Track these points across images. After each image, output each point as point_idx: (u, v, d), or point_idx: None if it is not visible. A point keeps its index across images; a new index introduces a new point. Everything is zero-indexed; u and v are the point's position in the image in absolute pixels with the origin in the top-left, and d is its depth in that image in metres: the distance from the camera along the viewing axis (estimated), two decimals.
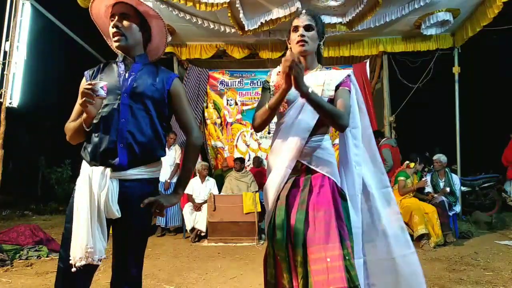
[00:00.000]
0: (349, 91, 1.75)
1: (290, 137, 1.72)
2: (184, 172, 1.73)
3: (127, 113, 1.57)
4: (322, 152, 1.72)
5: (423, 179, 5.17)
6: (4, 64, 4.32)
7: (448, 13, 5.26)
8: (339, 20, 5.35)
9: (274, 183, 1.76)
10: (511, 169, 6.82)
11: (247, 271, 3.71)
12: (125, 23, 1.62)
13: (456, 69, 6.22)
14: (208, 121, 7.08)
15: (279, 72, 1.85)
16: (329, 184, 1.68)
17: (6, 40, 4.35)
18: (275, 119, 1.87)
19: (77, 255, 1.42)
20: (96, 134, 1.55)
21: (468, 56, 6.50)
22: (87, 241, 1.42)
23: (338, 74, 1.76)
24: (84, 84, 1.66)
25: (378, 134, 6.29)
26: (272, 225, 1.72)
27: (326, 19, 5.29)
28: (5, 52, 4.33)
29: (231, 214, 5.11)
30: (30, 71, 4.71)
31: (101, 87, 1.46)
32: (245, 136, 7.00)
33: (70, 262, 1.43)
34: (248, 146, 6.97)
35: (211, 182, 5.70)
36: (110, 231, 1.60)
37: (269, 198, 1.78)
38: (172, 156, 5.79)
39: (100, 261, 1.48)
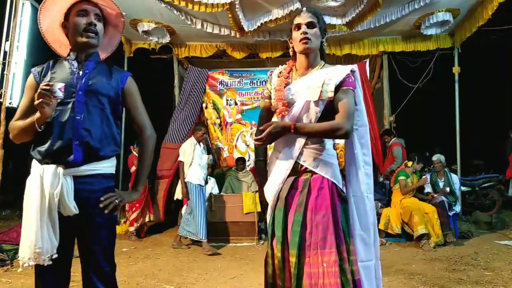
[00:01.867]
0: (353, 90, 1.69)
1: (289, 138, 1.71)
2: (143, 169, 1.75)
3: (83, 110, 1.57)
4: (322, 153, 1.70)
5: (423, 177, 5.17)
6: (4, 64, 4.31)
7: (448, 13, 5.26)
8: (339, 20, 5.35)
9: (273, 184, 1.76)
10: None
11: (247, 271, 3.71)
12: (98, 23, 1.65)
13: (456, 69, 6.21)
14: (208, 121, 7.08)
15: (280, 73, 1.85)
16: (328, 186, 1.66)
17: (6, 40, 4.34)
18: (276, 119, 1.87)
19: (25, 256, 1.43)
20: (50, 133, 1.53)
21: (468, 56, 6.50)
22: (35, 242, 1.42)
23: (338, 72, 1.69)
24: (31, 81, 1.64)
25: (391, 132, 6.34)
26: (271, 226, 1.73)
27: (326, 19, 5.28)
28: (5, 52, 4.32)
29: (231, 214, 5.11)
30: (30, 71, 4.70)
31: (59, 88, 1.45)
32: (244, 136, 7.00)
33: (19, 262, 1.44)
34: (248, 146, 6.97)
35: (212, 182, 5.71)
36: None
37: (269, 199, 1.79)
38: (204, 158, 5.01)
39: (50, 261, 1.46)
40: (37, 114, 1.47)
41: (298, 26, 1.73)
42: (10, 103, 4.31)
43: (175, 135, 6.45)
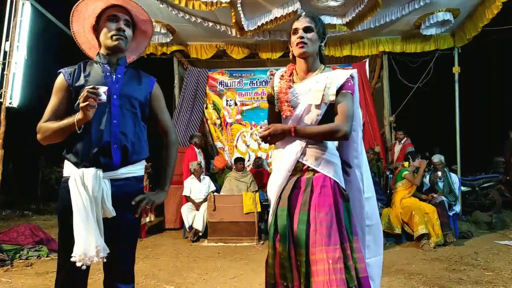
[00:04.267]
0: (352, 94, 1.73)
1: (291, 139, 1.74)
2: (169, 170, 1.82)
3: (118, 114, 1.61)
4: (324, 152, 1.72)
5: (422, 160, 5.15)
6: (4, 64, 4.31)
7: (448, 13, 5.26)
8: (339, 20, 5.35)
9: (275, 184, 1.78)
10: None
11: (247, 271, 3.71)
12: (127, 29, 1.69)
13: (456, 69, 6.22)
14: (208, 122, 7.09)
15: (282, 75, 1.88)
16: (330, 184, 1.68)
17: (6, 40, 4.34)
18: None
19: (89, 254, 1.46)
20: (87, 135, 1.56)
21: (468, 56, 6.50)
22: (96, 240, 1.47)
23: (339, 76, 1.73)
24: (62, 82, 1.63)
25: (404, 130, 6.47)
26: (274, 225, 1.73)
27: (326, 19, 5.29)
28: (5, 52, 4.33)
29: (231, 214, 5.11)
30: (30, 71, 4.70)
31: (104, 92, 1.48)
32: (245, 137, 7.00)
33: (77, 262, 1.45)
34: (248, 146, 6.98)
35: (207, 180, 5.75)
36: None
37: (271, 199, 1.82)
38: None
39: (102, 258, 1.52)
40: (79, 116, 1.49)
41: (296, 31, 1.77)
42: (10, 103, 4.31)
43: (181, 138, 6.45)
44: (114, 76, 1.66)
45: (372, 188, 1.88)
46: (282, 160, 1.77)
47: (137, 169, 1.68)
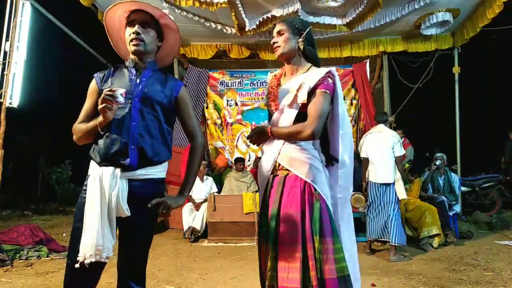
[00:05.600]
0: (328, 93, 1.70)
1: (272, 139, 1.80)
2: (191, 176, 1.82)
3: (138, 116, 1.64)
4: (299, 153, 1.73)
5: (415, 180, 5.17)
6: (4, 64, 4.31)
7: (448, 13, 5.25)
8: (339, 21, 5.35)
9: (260, 182, 1.89)
10: None
11: (247, 271, 3.71)
12: (145, 30, 1.70)
13: (456, 69, 6.22)
14: (209, 121, 7.09)
15: (275, 75, 1.97)
16: (300, 185, 1.70)
17: (6, 40, 4.34)
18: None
19: (87, 253, 1.48)
20: (107, 136, 1.61)
21: (468, 56, 6.50)
22: (97, 239, 1.48)
23: (313, 77, 1.73)
24: (93, 86, 1.72)
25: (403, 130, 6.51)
26: (259, 221, 1.84)
27: (326, 19, 5.29)
28: (5, 52, 4.32)
29: (231, 214, 5.11)
30: (30, 71, 4.70)
31: (121, 94, 1.53)
32: (245, 137, 7.00)
33: (78, 259, 1.48)
34: (248, 146, 6.98)
35: (210, 181, 5.74)
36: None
37: (259, 197, 1.93)
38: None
39: (107, 258, 1.53)
40: (100, 118, 1.57)
41: (273, 38, 1.87)
42: (10, 103, 4.31)
43: (181, 139, 6.44)
44: (138, 80, 1.70)
45: (349, 187, 1.84)
46: (263, 160, 1.85)
47: (157, 171, 1.69)
